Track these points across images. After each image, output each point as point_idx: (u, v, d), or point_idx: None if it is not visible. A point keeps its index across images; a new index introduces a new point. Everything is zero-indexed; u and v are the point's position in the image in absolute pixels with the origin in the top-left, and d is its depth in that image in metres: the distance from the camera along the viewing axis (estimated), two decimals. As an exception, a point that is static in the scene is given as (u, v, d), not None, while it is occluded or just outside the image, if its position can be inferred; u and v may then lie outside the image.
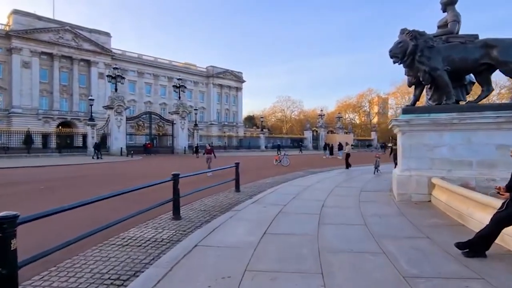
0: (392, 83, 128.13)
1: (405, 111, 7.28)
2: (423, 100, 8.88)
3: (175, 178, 5.92)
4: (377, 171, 13.85)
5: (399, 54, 7.14)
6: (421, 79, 7.13)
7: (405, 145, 7.21)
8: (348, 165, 16.88)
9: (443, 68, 6.97)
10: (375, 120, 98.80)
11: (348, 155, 17.50)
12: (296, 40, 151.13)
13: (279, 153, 31.96)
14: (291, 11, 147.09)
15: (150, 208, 5.32)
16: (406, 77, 8.07)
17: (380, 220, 5.50)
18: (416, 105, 7.74)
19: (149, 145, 36.14)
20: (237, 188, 9.25)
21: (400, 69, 7.55)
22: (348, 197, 7.94)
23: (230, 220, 5.67)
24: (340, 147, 33.32)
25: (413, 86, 7.82)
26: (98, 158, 26.52)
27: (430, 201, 6.82)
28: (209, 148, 16.04)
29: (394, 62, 7.28)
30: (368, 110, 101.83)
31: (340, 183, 10.47)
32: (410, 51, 7.03)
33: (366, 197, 7.75)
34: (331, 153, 33.39)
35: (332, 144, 36.28)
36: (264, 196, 8.24)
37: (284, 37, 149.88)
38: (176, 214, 6.00)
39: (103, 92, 54.76)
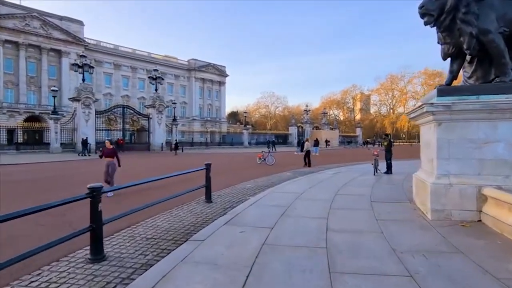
0: (375, 79, 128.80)
1: (443, 91, 5.12)
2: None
3: (93, 194, 3.52)
4: (377, 172, 11.84)
5: (434, 10, 4.97)
6: (465, 46, 4.99)
7: (441, 141, 5.07)
8: (308, 164, 15.98)
9: (497, 31, 4.87)
10: (358, 116, 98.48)
11: (308, 152, 16.55)
12: (281, 38, 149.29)
13: (271, 149, 29.63)
14: (277, 10, 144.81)
15: (47, 246, 3.05)
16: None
17: (429, 264, 3.30)
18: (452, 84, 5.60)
19: (121, 142, 32.88)
20: (208, 198, 6.90)
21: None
22: (358, 212, 5.75)
23: (182, 265, 3.33)
24: (316, 143, 31.42)
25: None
26: (84, 155, 24.69)
27: (480, 220, 4.73)
28: (110, 147, 8.79)
29: (426, 23, 5.11)
30: (352, 106, 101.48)
31: (339, 189, 8.29)
32: (451, 6, 4.88)
33: (383, 213, 5.57)
34: (302, 150, 31.45)
35: (304, 140, 34.33)
36: (242, 210, 5.94)
37: (269, 35, 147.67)
38: (96, 254, 3.61)
39: (76, 84, 50.40)
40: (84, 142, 26.38)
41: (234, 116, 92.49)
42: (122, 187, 5.18)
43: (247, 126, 54.86)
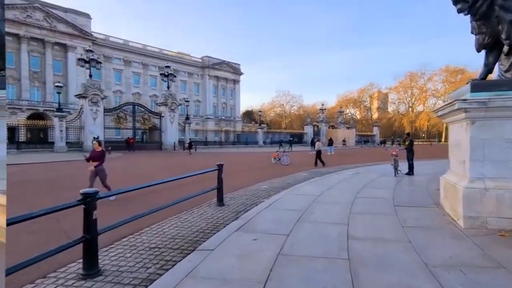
0: (394, 77, 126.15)
1: (477, 86, 4.67)
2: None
3: (87, 200, 3.15)
4: (397, 173, 11.32)
5: (469, -4, 4.54)
6: (503, 36, 4.53)
7: (474, 141, 4.64)
8: (316, 163, 16.02)
9: (541, 18, 4.39)
10: (375, 115, 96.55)
11: (319, 152, 16.53)
12: (296, 36, 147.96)
13: (287, 148, 29.00)
14: (291, 7, 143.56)
15: (31, 261, 2.70)
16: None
17: (467, 281, 2.94)
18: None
19: (131, 141, 32.56)
20: (220, 201, 6.68)
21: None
22: (381, 217, 5.37)
23: (187, 281, 3.06)
24: (331, 142, 30.76)
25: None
26: None
27: (520, 230, 4.28)
28: (99, 150, 7.72)
29: (460, 11, 4.69)
30: (369, 105, 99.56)
31: (359, 191, 7.90)
32: (488, -9, 4.44)
33: (409, 219, 5.18)
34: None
35: (318, 139, 33.78)
36: (256, 214, 5.68)
37: (283, 32, 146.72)
38: (89, 268, 3.22)
39: (83, 80, 41.69)
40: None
41: (248, 115, 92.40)
42: (122, 192, 4.43)
43: (262, 125, 54.61)
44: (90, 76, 29.79)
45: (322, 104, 60.23)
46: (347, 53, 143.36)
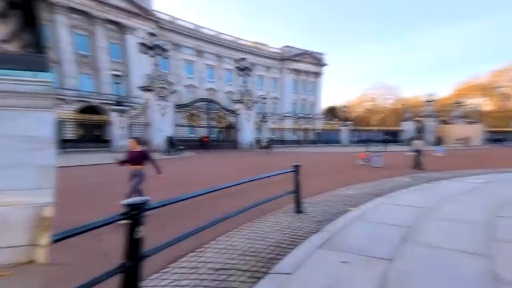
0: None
1: None
2: None
3: (132, 214, 2.49)
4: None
5: None
6: None
7: None
8: (419, 167, 13.93)
9: None
10: (518, 105, 78.50)
11: (418, 152, 14.53)
12: (393, 13, 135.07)
13: (376, 148, 26.63)
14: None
15: None
16: None
17: None
18: None
19: (205, 139, 33.52)
20: (298, 208, 5.92)
21: None
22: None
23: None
24: (439, 141, 27.12)
25: None
26: (170, 154, 23.80)
27: None
28: (137, 149, 6.03)
29: None
30: (507, 92, 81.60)
31: (500, 208, 6.04)
32: None
33: None
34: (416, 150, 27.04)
35: (418, 136, 29.58)
36: (343, 227, 4.76)
37: (377, 10, 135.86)
38: None
39: (147, 70, 32.53)
40: (170, 140, 25.68)
41: (331, 112, 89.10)
42: (175, 201, 3.28)
43: (347, 122, 51.73)
44: (156, 66, 27.10)
45: (430, 95, 53.08)
46: (467, 25, 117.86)
